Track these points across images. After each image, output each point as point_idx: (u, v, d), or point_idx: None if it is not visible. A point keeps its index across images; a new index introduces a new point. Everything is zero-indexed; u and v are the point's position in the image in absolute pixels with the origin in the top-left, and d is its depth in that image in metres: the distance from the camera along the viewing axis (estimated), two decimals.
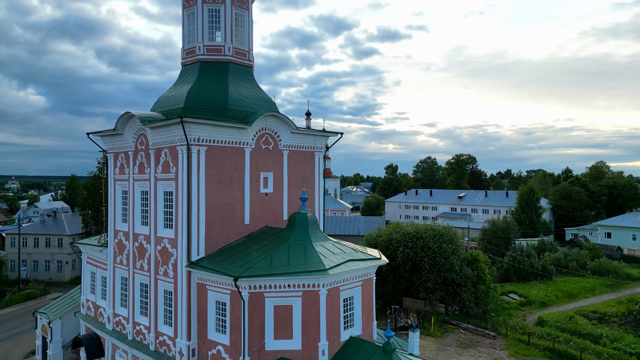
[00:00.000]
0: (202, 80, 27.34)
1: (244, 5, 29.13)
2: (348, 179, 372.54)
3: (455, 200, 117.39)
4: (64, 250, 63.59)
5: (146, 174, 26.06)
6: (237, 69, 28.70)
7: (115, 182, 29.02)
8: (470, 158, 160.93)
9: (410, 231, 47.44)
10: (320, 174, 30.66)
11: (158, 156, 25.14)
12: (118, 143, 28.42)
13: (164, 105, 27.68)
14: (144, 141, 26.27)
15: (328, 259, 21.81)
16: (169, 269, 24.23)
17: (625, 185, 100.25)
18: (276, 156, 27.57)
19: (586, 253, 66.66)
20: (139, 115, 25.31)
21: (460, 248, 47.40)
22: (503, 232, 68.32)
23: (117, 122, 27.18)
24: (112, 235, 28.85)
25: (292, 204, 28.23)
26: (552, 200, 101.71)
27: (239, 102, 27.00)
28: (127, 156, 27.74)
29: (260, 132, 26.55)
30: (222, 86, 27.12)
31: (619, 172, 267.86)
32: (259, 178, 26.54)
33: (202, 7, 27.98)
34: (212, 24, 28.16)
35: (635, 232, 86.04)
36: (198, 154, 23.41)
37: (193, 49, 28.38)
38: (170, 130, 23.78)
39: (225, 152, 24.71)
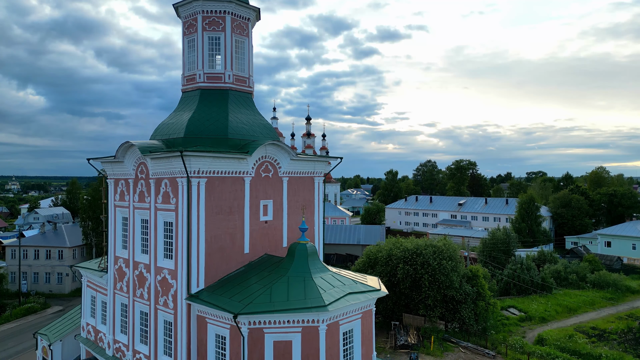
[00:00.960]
0: (203, 108, 27.44)
1: (243, 32, 29.25)
2: (348, 181, 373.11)
3: (455, 207, 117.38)
4: (64, 262, 63.64)
5: (146, 202, 26.13)
6: (237, 95, 28.80)
7: (115, 208, 29.10)
8: (470, 163, 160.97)
9: (410, 247, 47.48)
10: (320, 199, 30.75)
11: (158, 186, 25.21)
12: (118, 170, 28.50)
13: (164, 133, 27.79)
14: (144, 170, 26.34)
15: (327, 292, 21.88)
16: (168, 299, 24.30)
17: (625, 193, 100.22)
18: (276, 183, 27.65)
19: (586, 265, 66.68)
20: (139, 145, 25.39)
21: (460, 264, 47.45)
22: (503, 244, 68.33)
23: (117, 150, 27.27)
24: (112, 262, 28.92)
25: (291, 230, 28.32)
26: (552, 208, 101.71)
27: (239, 130, 27.11)
28: (127, 183, 27.82)
29: (260, 160, 26.64)
30: (222, 115, 27.22)
31: (619, 175, 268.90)
32: (259, 206, 26.62)
33: (202, 35, 28.11)
34: (212, 51, 28.30)
35: (635, 241, 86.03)
36: (198, 186, 23.49)
37: (193, 76, 28.49)
38: (170, 162, 23.86)
39: (225, 182, 24.79)
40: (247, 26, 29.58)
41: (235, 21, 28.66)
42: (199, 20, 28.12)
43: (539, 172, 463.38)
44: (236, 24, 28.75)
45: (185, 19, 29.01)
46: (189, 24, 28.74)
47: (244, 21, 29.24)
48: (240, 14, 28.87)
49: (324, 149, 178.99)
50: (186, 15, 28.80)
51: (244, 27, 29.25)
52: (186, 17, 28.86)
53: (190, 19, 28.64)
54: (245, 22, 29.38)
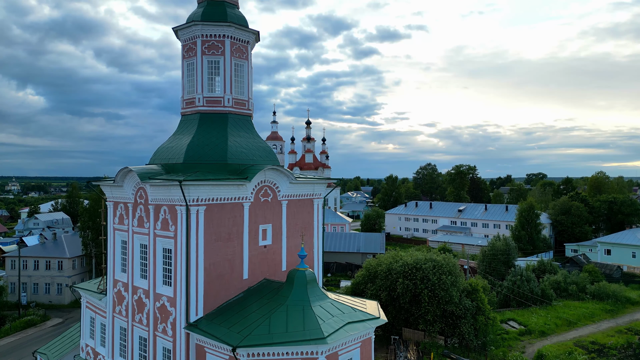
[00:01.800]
0: (202, 132, 27.47)
1: (243, 56, 29.28)
2: (348, 183, 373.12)
3: (455, 213, 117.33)
4: (64, 273, 63.63)
5: (145, 228, 26.13)
6: (236, 119, 28.83)
7: (114, 231, 29.08)
8: (470, 168, 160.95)
9: (410, 262, 47.45)
10: (320, 220, 30.77)
11: (157, 212, 25.21)
12: (117, 193, 28.50)
13: (163, 156, 27.81)
14: (143, 195, 26.33)
15: (327, 323, 21.87)
16: (167, 327, 24.28)
17: (625, 200, 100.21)
18: (275, 207, 27.66)
19: (585, 276, 66.66)
20: (137, 171, 25.40)
21: (460, 278, 47.43)
22: (503, 254, 68.32)
23: (116, 175, 27.30)
24: (112, 285, 28.91)
25: (291, 254, 28.35)
26: (552, 215, 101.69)
27: (238, 155, 27.13)
28: (126, 207, 27.81)
29: (260, 185, 26.64)
30: (221, 139, 27.24)
31: (619, 178, 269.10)
32: (258, 231, 26.62)
33: (201, 59, 28.14)
34: (211, 75, 28.33)
35: (634, 249, 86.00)
36: (197, 214, 23.48)
37: (192, 99, 28.51)
38: (169, 190, 23.86)
39: (224, 208, 24.79)
40: (247, 49, 29.62)
41: (234, 45, 28.71)
42: (198, 44, 28.17)
43: (539, 173, 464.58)
44: (235, 47, 28.79)
45: (184, 42, 29.05)
46: (189, 47, 28.78)
47: (243, 44, 29.28)
48: (239, 37, 28.92)
49: (323, 153, 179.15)
50: (185, 38, 28.84)
51: (243, 50, 29.29)
52: (185, 40, 28.90)
53: (189, 42, 28.68)
54: (245, 45, 29.42)
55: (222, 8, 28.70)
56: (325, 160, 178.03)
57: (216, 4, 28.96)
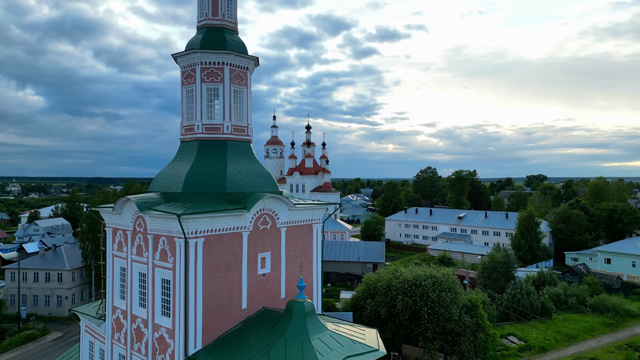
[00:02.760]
0: (201, 160, 27.45)
1: (242, 82, 29.29)
2: (349, 185, 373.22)
3: (455, 220, 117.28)
4: (63, 285, 63.63)
5: (144, 257, 26.11)
6: (235, 145, 28.83)
7: (113, 257, 29.09)
8: (470, 174, 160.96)
9: (409, 278, 47.38)
10: (319, 245, 30.77)
11: (156, 243, 25.19)
12: (116, 220, 28.50)
13: (162, 184, 27.81)
14: (142, 224, 26.32)
15: (325, 358, 21.86)
16: (166, 358, 24.28)
17: (625, 209, 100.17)
18: (274, 235, 27.65)
19: (585, 288, 66.61)
20: (136, 201, 25.40)
21: (459, 295, 47.37)
22: (502, 266, 68.27)
23: (115, 204, 27.31)
24: (110, 311, 28.90)
25: (290, 281, 28.34)
26: (552, 224, 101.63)
27: (237, 183, 27.11)
28: (125, 235, 27.81)
29: (259, 213, 26.64)
30: (220, 167, 27.23)
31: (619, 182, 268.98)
32: (257, 259, 26.61)
33: (201, 86, 28.14)
34: (210, 102, 28.33)
35: (634, 259, 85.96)
36: (195, 247, 23.47)
37: (192, 126, 28.52)
38: (167, 221, 23.85)
39: (223, 239, 24.78)
40: (246, 75, 29.63)
41: (233, 72, 28.72)
42: (197, 72, 28.18)
43: (539, 175, 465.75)
44: (235, 74, 28.80)
45: (183, 69, 29.05)
46: (188, 74, 28.79)
47: (242, 71, 29.30)
48: (239, 64, 28.93)
49: (323, 158, 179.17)
50: (185, 65, 28.85)
51: (242, 77, 29.30)
52: (185, 67, 28.91)
53: (188, 69, 28.68)
54: (244, 72, 29.43)
55: (221, 35, 28.72)
56: (325, 165, 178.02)
57: (215, 30, 28.98)
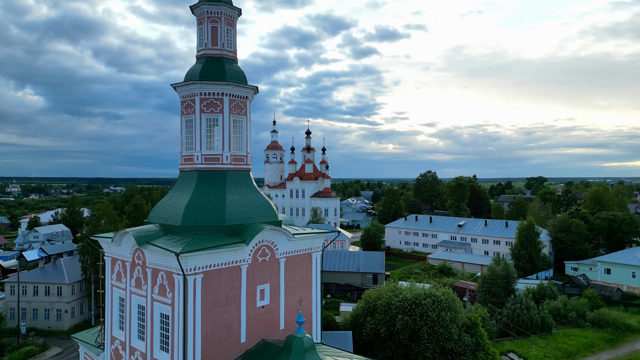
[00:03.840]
0: (200, 191, 27.42)
1: (242, 112, 29.28)
2: (349, 188, 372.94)
3: (455, 228, 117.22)
4: (63, 299, 63.59)
5: (143, 290, 26.08)
6: (234, 175, 28.82)
7: (112, 287, 29.06)
8: (470, 180, 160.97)
9: (409, 297, 47.33)
10: (318, 273, 30.74)
11: (155, 277, 25.17)
12: (116, 250, 28.48)
13: (162, 216, 27.77)
14: (141, 256, 26.30)
15: None
16: None
17: (625, 218, 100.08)
18: (273, 266, 27.63)
19: (585, 302, 66.52)
20: (135, 235, 25.38)
21: (459, 314, 47.31)
22: (502, 280, 68.20)
23: (114, 235, 27.30)
24: (109, 341, 28.88)
25: (289, 312, 28.31)
26: (552, 233, 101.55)
27: (236, 214, 27.08)
28: (124, 266, 27.78)
29: (258, 245, 26.62)
30: (219, 198, 27.20)
31: (619, 185, 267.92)
32: (256, 292, 26.57)
33: (200, 117, 28.14)
34: (210, 132, 28.32)
35: (634, 269, 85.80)
36: (194, 283, 23.45)
37: (191, 157, 28.50)
38: (166, 257, 23.82)
39: (221, 274, 24.76)
40: (245, 104, 29.62)
41: (233, 102, 28.72)
42: (197, 102, 28.17)
43: (539, 177, 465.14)
44: (234, 104, 28.80)
45: (183, 99, 29.04)
46: (187, 104, 28.78)
47: (242, 100, 29.29)
48: (238, 94, 28.93)
49: (323, 163, 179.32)
50: (184, 95, 28.84)
51: (242, 107, 29.29)
52: (184, 97, 28.90)
53: (188, 99, 28.67)
54: (243, 101, 29.43)
55: (221, 65, 28.71)
56: (325, 170, 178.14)
57: (215, 60, 28.98)
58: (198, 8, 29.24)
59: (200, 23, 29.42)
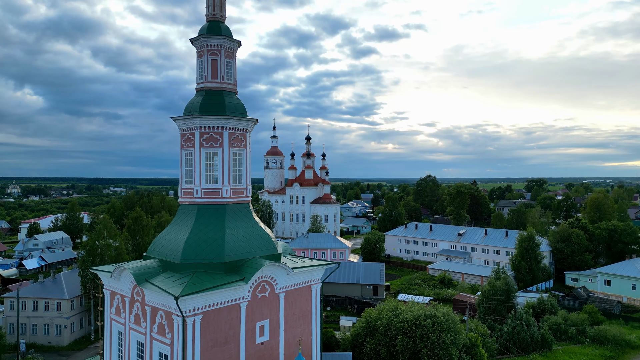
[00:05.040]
0: (199, 226, 27.32)
1: (241, 144, 29.21)
2: (349, 191, 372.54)
3: (455, 237, 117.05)
4: (62, 314, 63.46)
5: (142, 327, 26.00)
6: (234, 208, 28.72)
7: (111, 320, 28.98)
8: (471, 187, 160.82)
9: (410, 318, 47.20)
10: (318, 306, 30.64)
11: (154, 315, 25.08)
12: (115, 284, 28.39)
13: (161, 251, 27.67)
14: (140, 293, 26.21)
15: None
16: None
17: (625, 229, 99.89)
18: (272, 302, 27.53)
19: (585, 317, 66.34)
20: (134, 273, 25.30)
21: (459, 335, 47.20)
22: (503, 295, 68.05)
23: (113, 271, 27.22)
24: None
25: (288, 347, 28.21)
26: (552, 243, 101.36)
27: (235, 250, 26.99)
28: (123, 301, 27.69)
29: (257, 281, 26.53)
30: (218, 234, 27.10)
31: (618, 188, 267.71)
32: (255, 329, 26.48)
33: (200, 151, 28.06)
34: (209, 166, 28.22)
35: (635, 281, 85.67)
36: (194, 324, 23.37)
37: (190, 190, 28.42)
38: (165, 297, 23.73)
39: (220, 313, 24.67)
40: (245, 137, 29.56)
41: (233, 135, 28.66)
42: (196, 136, 28.10)
43: (540, 179, 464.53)
44: (234, 137, 28.74)
45: (183, 132, 28.97)
46: (187, 137, 28.70)
47: (241, 133, 29.22)
48: (238, 127, 28.86)
49: (323, 169, 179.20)
50: (184, 129, 28.76)
51: (241, 139, 29.22)
52: (184, 130, 28.83)
53: (187, 132, 28.60)
54: (243, 134, 29.36)
55: (220, 99, 28.63)
56: (325, 176, 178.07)
57: (214, 94, 28.89)
58: (198, 41, 29.17)
59: (200, 56, 29.34)
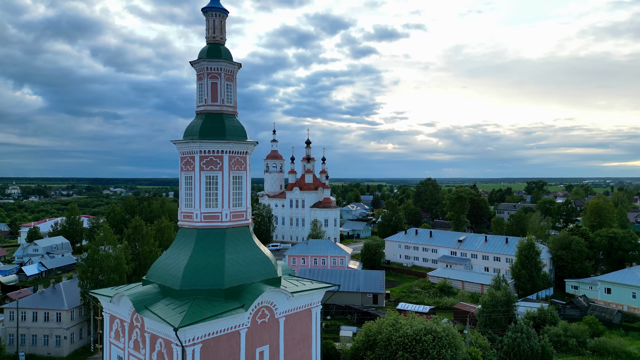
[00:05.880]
0: (199, 251, 27.21)
1: (241, 167, 29.12)
2: (349, 193, 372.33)
3: (455, 244, 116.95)
4: (62, 325, 63.35)
5: (141, 354, 25.89)
6: (234, 232, 28.62)
7: (110, 344, 28.88)
8: (471, 193, 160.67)
9: (410, 333, 47.13)
10: (318, 328, 30.53)
11: (153, 343, 24.98)
12: (114, 308, 28.29)
13: (161, 274, 27.56)
14: (139, 319, 26.10)
15: None
16: None
17: (625, 236, 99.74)
18: (272, 327, 27.42)
19: (585, 328, 66.25)
20: (133, 300, 25.20)
21: (460, 350, 47.11)
22: (503, 306, 67.91)
23: (113, 297, 27.13)
24: None
25: None
26: (552, 250, 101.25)
27: (235, 275, 26.88)
28: (122, 325, 27.60)
29: (257, 307, 26.42)
30: (218, 259, 27.00)
31: (618, 191, 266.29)
32: (255, 355, 26.35)
33: (199, 174, 27.96)
34: (209, 190, 28.11)
35: (635, 290, 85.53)
36: (193, 353, 23.26)
37: (190, 214, 28.31)
38: (165, 327, 23.62)
39: (220, 341, 24.56)
40: (245, 160, 29.47)
41: (232, 158, 28.56)
42: (196, 160, 28.00)
43: (540, 181, 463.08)
44: (234, 160, 28.65)
45: (182, 155, 28.88)
46: (186, 160, 28.61)
47: (241, 156, 29.13)
48: (238, 150, 28.76)
49: (323, 173, 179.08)
50: (184, 152, 28.67)
51: (241, 162, 29.13)
52: (184, 153, 28.74)
53: (187, 156, 28.51)
54: (243, 157, 29.27)
55: (221, 122, 28.54)
56: (325, 180, 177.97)
57: (214, 117, 28.79)
58: (198, 64, 29.09)
59: (200, 79, 29.25)
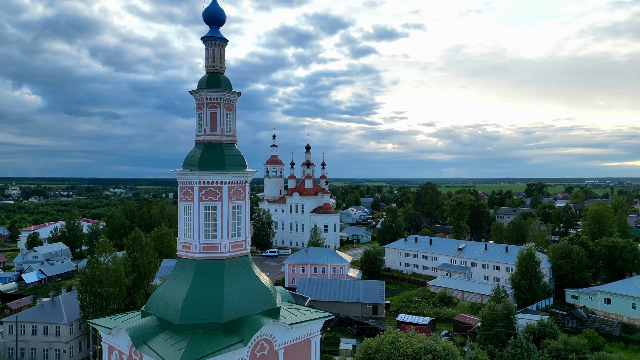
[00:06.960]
0: (197, 283, 27.14)
1: (240, 197, 29.04)
2: (349, 195, 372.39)
3: (454, 252, 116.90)
4: (61, 338, 63.30)
5: None
6: (233, 262, 28.54)
7: None
8: (470, 199, 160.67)
9: (410, 352, 47.10)
10: (318, 358, 30.44)
11: None
12: (113, 340, 28.18)
13: (160, 306, 27.46)
14: (138, 353, 26.01)
15: None
16: None
17: (625, 246, 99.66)
18: (271, 359, 27.32)
19: (585, 343, 66.15)
20: (131, 334, 25.12)
21: None
22: (503, 320, 67.86)
23: (111, 330, 27.05)
24: None
25: None
26: (552, 259, 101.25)
27: (234, 308, 26.79)
28: (121, 357, 27.49)
29: (256, 340, 26.33)
30: (217, 292, 26.91)
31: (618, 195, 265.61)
32: None
33: (198, 205, 27.88)
34: (208, 220, 28.02)
35: (635, 301, 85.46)
36: None
37: (189, 245, 28.24)
38: None
39: None
40: (245, 189, 29.39)
41: (232, 188, 28.48)
42: (195, 190, 27.93)
43: (539, 183, 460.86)
44: (233, 190, 28.57)
45: (182, 185, 28.80)
46: (185, 190, 28.54)
47: (240, 185, 29.06)
48: (237, 180, 28.69)
49: (323, 178, 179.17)
50: (183, 182, 28.60)
51: (241, 192, 29.06)
52: (183, 183, 28.66)
53: (187, 186, 28.44)
54: (242, 186, 29.19)
55: (220, 152, 28.47)
56: (324, 185, 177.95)
57: (214, 147, 28.73)
58: (197, 93, 29.03)
59: (200, 108, 29.19)
